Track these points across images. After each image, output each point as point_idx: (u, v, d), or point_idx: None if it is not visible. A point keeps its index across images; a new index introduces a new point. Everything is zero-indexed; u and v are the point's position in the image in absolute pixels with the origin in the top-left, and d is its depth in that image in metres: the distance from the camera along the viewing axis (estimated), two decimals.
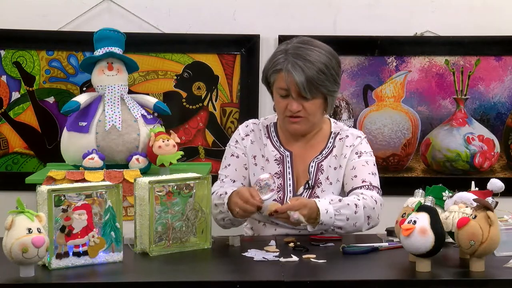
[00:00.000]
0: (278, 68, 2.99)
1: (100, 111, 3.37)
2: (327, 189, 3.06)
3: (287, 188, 3.06)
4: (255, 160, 3.12)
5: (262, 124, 3.18)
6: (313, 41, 3.03)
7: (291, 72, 2.94)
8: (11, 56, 3.90)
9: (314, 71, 2.94)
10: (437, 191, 2.68)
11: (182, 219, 2.77)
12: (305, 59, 2.95)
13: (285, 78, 2.96)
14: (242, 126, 3.20)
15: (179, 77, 3.94)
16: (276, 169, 3.09)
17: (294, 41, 3.03)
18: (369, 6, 3.94)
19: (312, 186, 3.06)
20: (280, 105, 3.03)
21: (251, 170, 3.12)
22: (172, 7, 3.92)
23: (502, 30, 3.93)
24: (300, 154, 3.11)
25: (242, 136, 3.16)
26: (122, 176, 3.12)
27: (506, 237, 2.56)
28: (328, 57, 2.99)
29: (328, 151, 3.11)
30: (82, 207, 2.55)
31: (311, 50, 2.98)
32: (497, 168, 4.01)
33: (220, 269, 2.65)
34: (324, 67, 2.96)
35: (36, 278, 2.41)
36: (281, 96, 3.01)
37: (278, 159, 3.10)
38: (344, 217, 2.89)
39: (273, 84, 3.04)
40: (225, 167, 3.15)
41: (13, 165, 3.94)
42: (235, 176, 3.11)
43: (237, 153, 3.14)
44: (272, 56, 3.06)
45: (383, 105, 3.98)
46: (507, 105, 3.98)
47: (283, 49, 3.02)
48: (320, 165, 3.08)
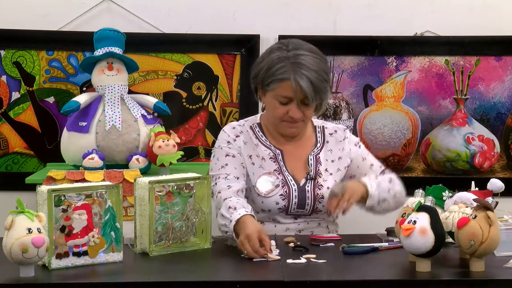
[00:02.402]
0: (284, 77, 2.99)
1: (100, 111, 3.37)
2: (328, 178, 3.12)
3: (290, 182, 3.08)
4: (251, 159, 3.12)
5: (247, 126, 3.18)
6: (306, 46, 3.06)
7: (300, 83, 2.96)
8: (11, 56, 3.90)
9: (319, 80, 2.99)
10: (437, 191, 2.68)
11: (182, 219, 2.77)
12: (310, 69, 2.98)
13: (293, 87, 2.98)
14: (228, 128, 3.16)
15: (179, 77, 3.94)
16: (274, 166, 3.11)
17: (290, 47, 3.03)
18: (369, 6, 3.94)
19: (314, 177, 3.10)
20: (278, 111, 3.05)
21: (249, 170, 3.12)
22: (172, 7, 3.92)
23: (502, 30, 3.93)
24: (290, 152, 3.14)
25: (232, 137, 3.12)
26: (122, 176, 3.12)
27: (506, 237, 2.56)
28: (324, 62, 3.05)
29: (321, 145, 3.17)
30: (82, 207, 2.55)
31: (309, 57, 3.01)
32: (497, 168, 4.01)
33: (220, 269, 2.65)
34: (325, 75, 3.03)
35: (36, 278, 2.41)
36: (281, 103, 3.03)
37: (273, 157, 3.12)
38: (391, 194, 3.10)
39: (271, 91, 3.03)
40: (222, 167, 3.07)
41: (13, 165, 3.94)
42: (236, 173, 3.07)
43: (232, 153, 3.10)
44: (269, 62, 3.03)
45: (383, 105, 3.98)
46: (507, 105, 3.98)
47: (282, 56, 3.01)
48: (317, 157, 3.14)
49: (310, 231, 3.08)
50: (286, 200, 3.05)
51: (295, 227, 3.09)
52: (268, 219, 3.09)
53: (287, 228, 3.08)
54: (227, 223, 2.84)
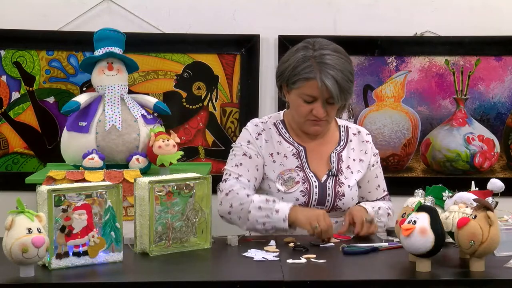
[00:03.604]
0: (310, 76, 3.01)
1: (100, 111, 3.37)
2: (349, 176, 3.14)
3: (311, 178, 3.10)
4: (273, 157, 3.14)
5: (270, 123, 3.21)
6: (332, 46, 3.09)
7: (326, 82, 2.99)
8: (11, 56, 3.90)
9: (345, 80, 3.02)
10: (437, 191, 2.68)
11: (182, 219, 2.77)
12: (336, 69, 3.01)
13: (319, 87, 3.00)
14: (251, 126, 3.20)
15: (179, 77, 3.94)
16: (296, 163, 3.13)
17: (316, 47, 3.06)
18: (369, 6, 3.94)
19: (336, 174, 3.12)
20: (303, 109, 3.07)
21: (270, 168, 3.13)
22: (172, 7, 3.92)
23: (502, 30, 3.93)
24: (313, 149, 3.16)
25: (254, 136, 3.16)
26: (122, 176, 3.12)
27: (506, 237, 2.56)
28: (349, 63, 3.08)
29: (344, 144, 3.20)
30: (82, 207, 2.55)
31: (335, 57, 3.04)
32: (497, 168, 4.01)
33: (220, 269, 2.65)
34: (350, 75, 3.05)
35: (36, 278, 2.41)
36: (306, 102, 3.06)
37: (295, 154, 3.14)
38: (382, 224, 3.11)
39: (297, 89, 3.06)
40: (236, 165, 3.11)
41: (13, 165, 3.94)
42: (248, 176, 3.10)
43: (250, 153, 3.13)
44: (295, 61, 3.06)
45: (383, 105, 3.98)
46: (507, 105, 3.98)
47: (308, 55, 3.04)
48: (340, 155, 3.16)
49: None
50: (306, 197, 3.07)
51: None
52: None
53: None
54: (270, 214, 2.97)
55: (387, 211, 3.18)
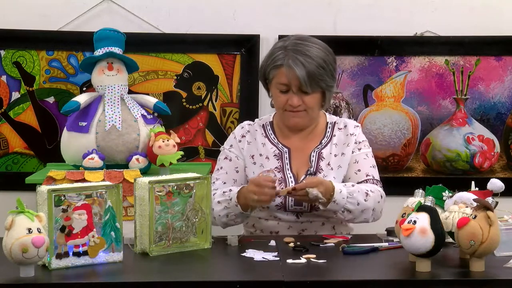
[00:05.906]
0: (278, 64, 3.05)
1: (100, 111, 3.37)
2: (328, 173, 3.11)
3: (288, 180, 3.10)
4: (253, 159, 3.16)
5: (258, 125, 3.24)
6: (310, 38, 3.12)
7: (293, 67, 3.01)
8: (11, 56, 3.90)
9: (314, 66, 3.02)
10: (437, 191, 2.68)
11: (182, 219, 2.77)
12: (305, 55, 3.03)
13: (286, 73, 3.03)
14: (237, 128, 3.27)
15: (179, 77, 3.94)
16: (276, 164, 3.13)
17: (292, 38, 3.11)
18: (369, 6, 3.94)
19: (314, 172, 3.11)
20: (279, 99, 3.09)
21: (250, 169, 3.15)
22: (172, 7, 3.92)
23: (502, 30, 3.93)
24: (298, 148, 3.16)
25: (238, 138, 3.21)
26: (122, 176, 3.12)
27: (506, 237, 2.56)
28: (326, 52, 3.08)
29: (327, 140, 3.18)
30: (82, 207, 2.55)
31: (309, 46, 3.06)
32: (497, 168, 4.01)
33: (220, 269, 2.65)
34: (323, 62, 3.05)
35: (36, 278, 2.41)
36: (281, 91, 3.08)
37: (277, 155, 3.15)
38: (355, 201, 2.98)
39: (272, 80, 3.10)
40: (217, 169, 3.22)
41: (13, 165, 3.94)
42: (225, 178, 3.17)
43: (230, 156, 3.20)
44: (270, 53, 3.12)
45: (383, 105, 3.98)
46: (507, 105, 3.98)
47: (282, 45, 3.09)
48: (320, 154, 3.14)
49: (314, 230, 3.08)
50: (282, 197, 3.06)
51: (298, 226, 3.09)
52: (270, 216, 3.11)
53: (290, 226, 3.09)
54: (227, 204, 2.99)
55: (367, 191, 3.01)
